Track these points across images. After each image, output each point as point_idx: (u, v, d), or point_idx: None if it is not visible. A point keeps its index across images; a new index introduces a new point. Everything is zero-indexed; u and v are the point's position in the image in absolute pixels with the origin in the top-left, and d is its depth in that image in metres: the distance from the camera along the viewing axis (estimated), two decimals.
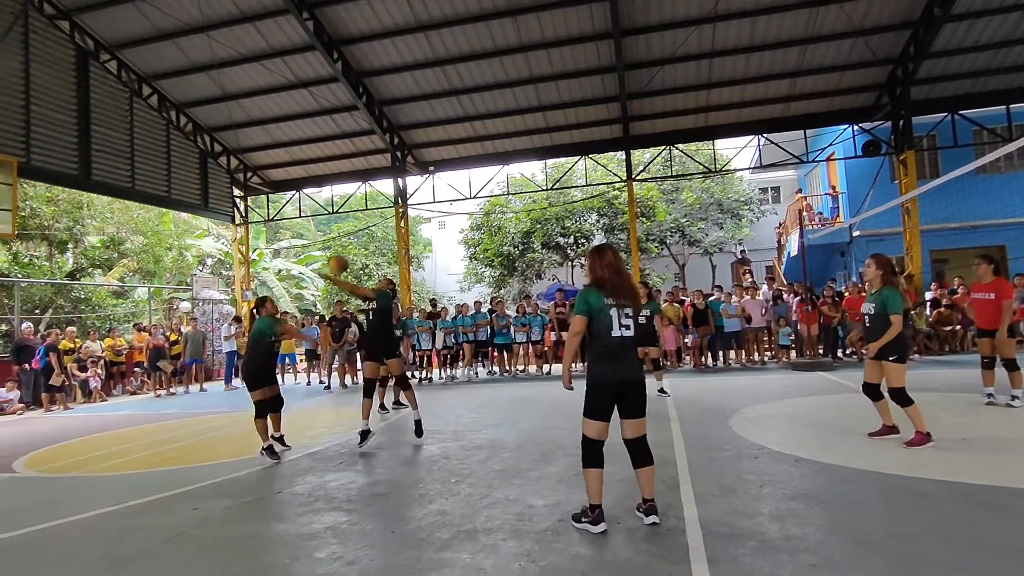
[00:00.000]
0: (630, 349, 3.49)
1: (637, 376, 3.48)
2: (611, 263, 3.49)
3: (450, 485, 4.51)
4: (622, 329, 3.41)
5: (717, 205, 22.36)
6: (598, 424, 3.43)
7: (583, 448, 3.46)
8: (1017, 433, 5.05)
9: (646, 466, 3.47)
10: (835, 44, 12.54)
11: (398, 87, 14.21)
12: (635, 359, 3.53)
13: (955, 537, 3.03)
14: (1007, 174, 15.38)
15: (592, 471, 3.43)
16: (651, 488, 3.49)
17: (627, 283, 3.52)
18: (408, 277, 16.41)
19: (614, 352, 3.43)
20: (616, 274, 3.47)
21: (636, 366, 3.51)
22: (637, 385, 3.45)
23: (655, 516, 3.41)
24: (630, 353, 3.50)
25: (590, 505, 3.42)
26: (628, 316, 3.41)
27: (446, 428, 6.94)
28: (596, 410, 3.44)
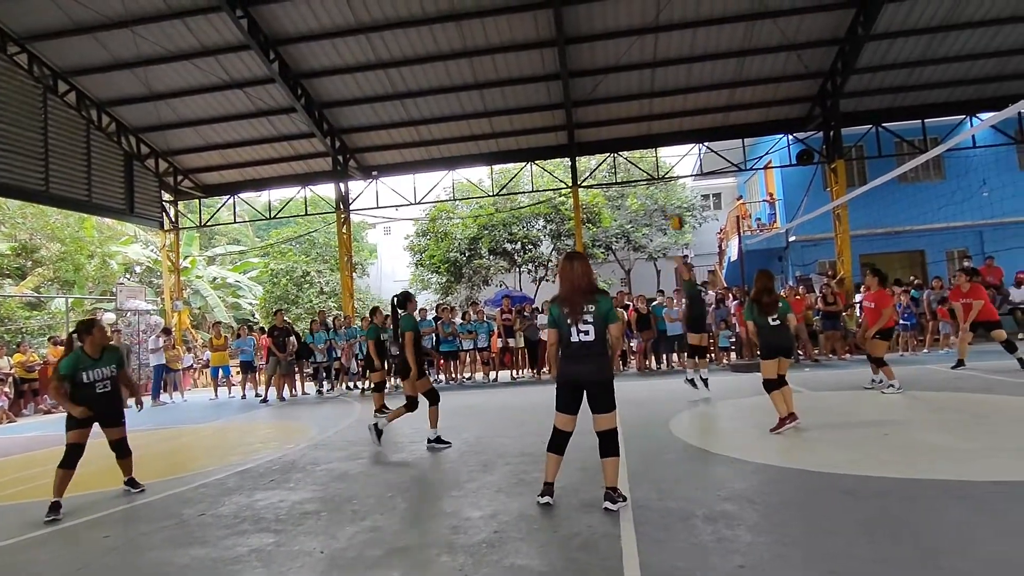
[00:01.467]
0: (592, 351, 3.76)
1: (598, 376, 3.76)
2: (566, 274, 3.84)
3: (385, 500, 4.33)
4: (580, 335, 3.72)
5: (661, 211, 22.92)
6: (563, 416, 3.89)
7: (551, 434, 3.95)
8: (939, 428, 5.29)
9: (608, 456, 3.77)
10: (770, 57, 13.07)
11: (339, 89, 13.87)
12: (598, 361, 3.77)
13: (875, 532, 3.10)
14: (925, 183, 16.41)
15: (551, 455, 3.93)
16: (613, 478, 3.77)
17: (579, 291, 3.78)
18: (351, 284, 16.00)
19: (574, 355, 3.78)
20: (569, 284, 3.82)
21: (598, 367, 3.77)
22: (599, 385, 3.76)
23: (609, 503, 3.67)
24: (592, 355, 3.77)
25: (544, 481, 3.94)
26: (587, 322, 3.68)
27: (386, 440, 6.72)
28: (561, 404, 3.89)
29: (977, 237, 16.07)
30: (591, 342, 3.72)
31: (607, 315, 3.76)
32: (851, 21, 12.12)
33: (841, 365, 10.88)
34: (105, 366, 5.08)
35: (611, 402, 3.77)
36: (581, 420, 3.93)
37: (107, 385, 5.10)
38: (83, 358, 4.97)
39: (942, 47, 12.91)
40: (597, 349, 3.75)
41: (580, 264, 3.87)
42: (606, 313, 3.75)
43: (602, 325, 3.75)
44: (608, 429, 3.77)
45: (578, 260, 3.90)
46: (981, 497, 3.46)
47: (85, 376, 4.95)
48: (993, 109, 13.61)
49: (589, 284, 3.81)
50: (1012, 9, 12.01)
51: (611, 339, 3.80)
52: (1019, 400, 6.19)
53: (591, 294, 3.77)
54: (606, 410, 3.75)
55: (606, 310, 3.76)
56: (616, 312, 3.86)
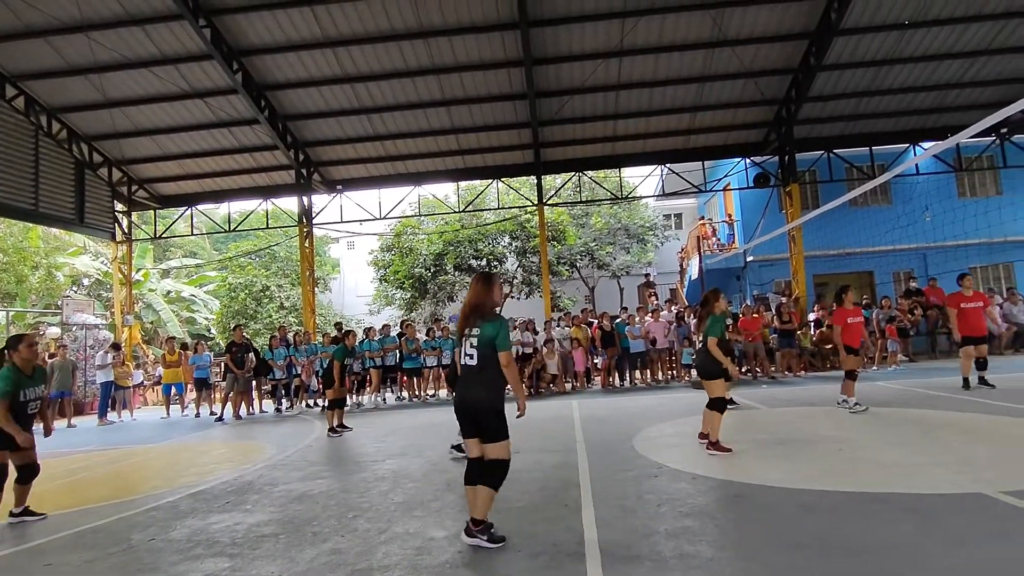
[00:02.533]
0: (475, 375, 3.63)
1: (480, 404, 3.59)
2: (467, 295, 3.79)
3: (347, 521, 4.23)
4: (466, 358, 3.65)
5: (624, 230, 23.34)
6: (468, 441, 3.72)
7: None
8: (889, 443, 5.49)
9: (480, 484, 3.56)
10: (729, 83, 13.55)
11: (304, 102, 13.73)
12: (482, 386, 3.62)
13: (833, 545, 3.18)
14: (873, 208, 17.18)
15: (467, 488, 3.68)
16: (480, 509, 3.54)
17: (466, 314, 3.73)
18: (312, 299, 15.70)
19: (462, 378, 3.75)
20: (464, 306, 3.78)
21: (481, 393, 3.61)
22: (481, 412, 3.57)
23: (466, 536, 3.53)
24: (476, 380, 3.64)
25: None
26: (472, 346, 3.60)
27: (347, 459, 6.59)
28: (461, 427, 3.76)
29: (921, 259, 16.87)
30: (473, 367, 3.60)
31: (491, 341, 3.56)
32: (804, 52, 12.71)
33: (797, 382, 11.20)
34: (37, 385, 4.85)
35: (498, 431, 3.54)
36: (542, 439, 3.92)
37: (37, 406, 4.87)
38: (20, 375, 4.73)
39: (887, 79, 13.63)
40: (482, 375, 3.60)
41: (475, 286, 3.75)
42: (489, 339, 3.56)
43: (486, 351, 3.57)
44: (494, 459, 3.55)
45: (477, 282, 3.76)
46: (928, 510, 3.60)
47: (22, 395, 4.71)
48: (934, 139, 14.43)
49: (476, 307, 3.69)
50: (948, 47, 12.81)
51: (503, 366, 3.59)
52: (961, 416, 6.49)
53: (477, 318, 3.65)
54: (492, 439, 3.54)
55: (489, 336, 3.56)
56: (506, 339, 3.60)
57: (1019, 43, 12.83)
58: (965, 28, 12.39)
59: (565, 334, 12.72)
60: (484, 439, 3.60)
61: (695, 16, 11.84)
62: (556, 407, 9.77)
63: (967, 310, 8.12)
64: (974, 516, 3.44)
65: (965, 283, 8.34)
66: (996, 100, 13.54)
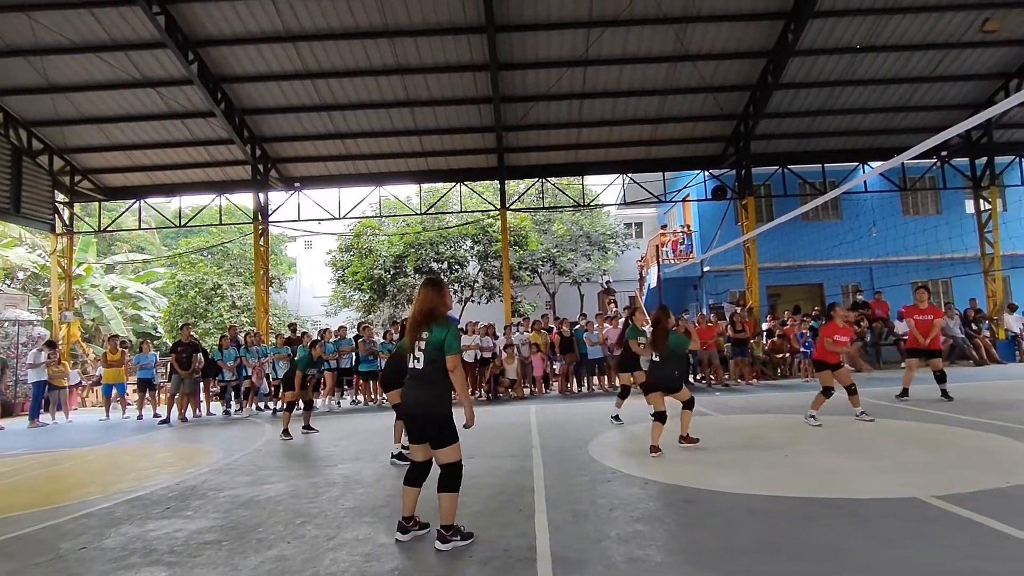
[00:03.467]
0: (420, 380, 3.68)
1: (426, 409, 3.64)
2: (415, 300, 3.81)
3: (294, 527, 4.10)
4: (414, 362, 3.70)
5: (586, 237, 23.58)
6: (414, 445, 3.77)
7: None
8: (832, 449, 5.68)
9: (443, 491, 3.59)
10: (690, 97, 13.89)
11: (263, 97, 13.38)
12: (428, 391, 3.66)
13: (778, 549, 3.26)
14: (824, 222, 17.87)
15: (405, 487, 3.77)
16: (447, 514, 3.58)
17: (415, 318, 3.74)
18: (266, 299, 15.26)
19: (409, 382, 3.78)
20: (412, 311, 3.82)
21: (427, 398, 3.64)
22: (428, 418, 3.63)
23: (440, 543, 3.52)
24: (420, 384, 3.68)
25: (401, 515, 3.78)
26: (420, 350, 3.62)
27: (298, 464, 6.40)
28: (408, 432, 3.82)
29: (868, 273, 17.63)
30: (420, 370, 3.65)
31: (440, 345, 3.57)
32: (762, 70, 13.14)
33: (749, 390, 11.50)
34: None
35: (446, 436, 3.58)
36: (498, 444, 3.89)
37: None
38: None
39: (839, 100, 14.22)
40: (428, 379, 3.63)
41: (425, 291, 3.74)
42: (438, 343, 3.58)
43: (433, 355, 3.59)
44: (446, 463, 3.59)
45: (426, 287, 3.76)
46: (866, 514, 3.72)
47: None
48: (882, 159, 15.11)
49: (425, 312, 3.68)
50: (895, 72, 13.47)
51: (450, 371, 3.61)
52: (899, 423, 6.78)
53: (425, 323, 3.66)
54: (441, 444, 3.57)
55: (438, 340, 3.58)
56: (454, 343, 3.61)
57: (957, 72, 13.60)
58: (911, 55, 13.05)
59: (525, 339, 12.73)
60: (434, 444, 3.62)
61: (658, 30, 12.09)
62: (514, 412, 9.74)
63: (920, 322, 8.40)
64: (908, 519, 3.58)
65: (919, 295, 8.59)
66: (937, 124, 14.27)
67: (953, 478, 4.35)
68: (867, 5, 11.75)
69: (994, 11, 11.91)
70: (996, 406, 7.51)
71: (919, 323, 8.40)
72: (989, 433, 5.94)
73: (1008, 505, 3.71)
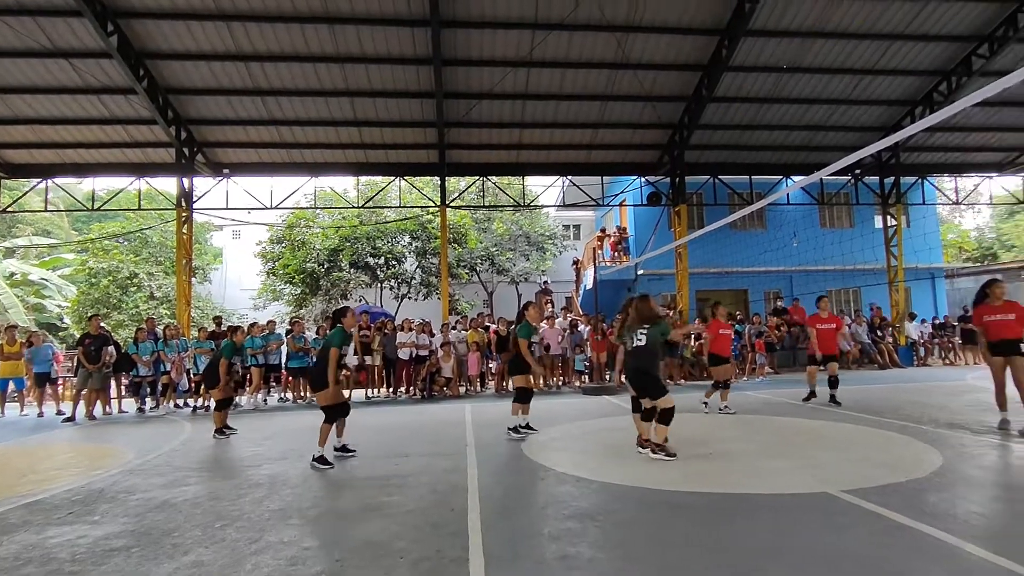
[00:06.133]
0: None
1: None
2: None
3: (214, 531, 3.89)
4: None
5: (525, 237, 23.77)
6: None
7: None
8: (752, 447, 5.97)
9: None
10: (629, 104, 14.22)
11: (190, 77, 12.63)
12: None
13: (703, 543, 3.39)
14: (750, 232, 18.80)
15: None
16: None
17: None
18: (188, 290, 14.43)
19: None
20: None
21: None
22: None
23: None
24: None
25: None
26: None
27: (219, 464, 6.09)
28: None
29: (788, 281, 18.69)
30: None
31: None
32: (697, 82, 13.65)
33: (677, 389, 11.90)
34: None
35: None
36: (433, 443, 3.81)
37: None
38: None
39: (767, 116, 14.99)
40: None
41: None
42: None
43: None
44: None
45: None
46: (782, 508, 3.94)
47: None
48: (804, 173, 16.04)
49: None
50: (817, 93, 14.34)
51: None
52: (814, 423, 7.21)
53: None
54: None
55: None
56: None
57: (871, 97, 14.64)
58: (831, 78, 13.92)
59: (461, 337, 12.67)
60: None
61: (601, 37, 12.32)
62: (449, 411, 9.67)
63: (822, 331, 8.91)
64: (819, 513, 3.81)
65: (821, 305, 9.18)
66: (852, 144, 15.31)
67: (859, 474, 4.66)
68: (794, 28, 12.44)
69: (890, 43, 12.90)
70: (897, 407, 8.14)
71: (821, 332, 8.89)
72: (891, 432, 6.43)
73: (907, 498, 4.02)
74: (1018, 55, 13.05)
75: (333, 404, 5.84)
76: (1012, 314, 6.32)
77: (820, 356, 8.83)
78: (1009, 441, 5.80)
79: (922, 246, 18.62)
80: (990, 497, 4.05)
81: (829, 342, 8.88)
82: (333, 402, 5.83)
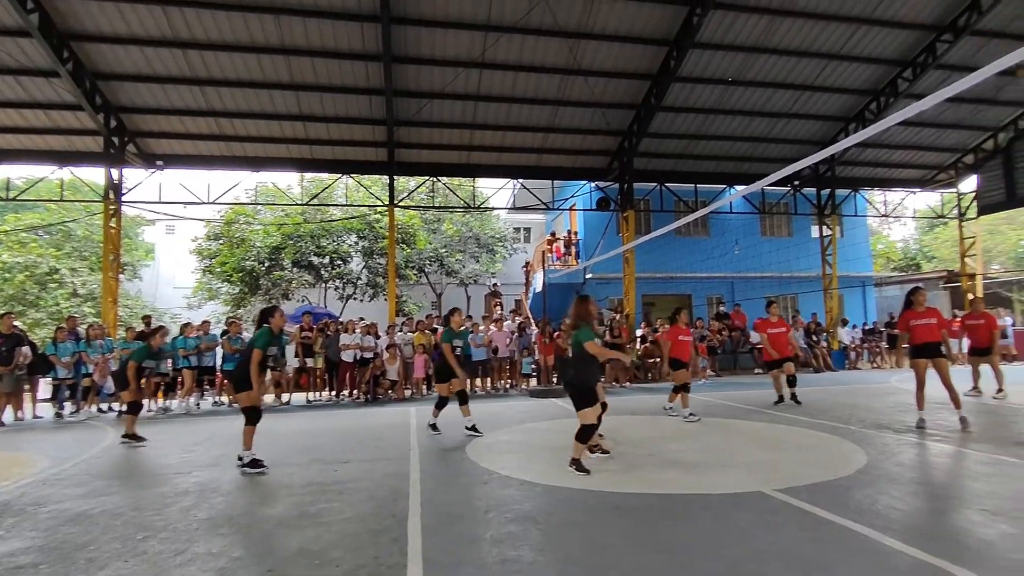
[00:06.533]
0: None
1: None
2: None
3: (135, 543, 3.64)
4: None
5: (475, 239, 23.67)
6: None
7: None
8: (692, 448, 6.10)
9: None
10: (580, 110, 14.39)
11: (121, 62, 11.93)
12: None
13: (641, 543, 3.43)
14: (694, 238, 19.36)
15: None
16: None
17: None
18: (115, 288, 13.59)
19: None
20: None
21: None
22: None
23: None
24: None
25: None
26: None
27: (144, 472, 5.74)
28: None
29: (729, 287, 19.35)
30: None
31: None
32: (646, 91, 13.96)
33: (623, 392, 12.11)
34: None
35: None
36: (375, 447, 3.70)
37: None
38: None
39: (712, 126, 15.49)
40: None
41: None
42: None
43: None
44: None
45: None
46: (720, 507, 4.03)
47: None
48: (746, 183, 16.64)
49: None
50: (760, 106, 14.94)
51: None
52: (753, 424, 7.45)
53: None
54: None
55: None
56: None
57: (810, 112, 15.37)
58: (773, 92, 14.54)
59: (408, 339, 12.46)
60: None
61: (553, 42, 12.42)
62: (393, 414, 9.48)
63: (773, 335, 9.16)
64: (754, 511, 3.92)
65: (772, 310, 9.42)
66: (792, 156, 16.00)
67: (792, 473, 4.83)
68: (739, 43, 12.92)
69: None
70: (828, 409, 8.52)
71: (772, 336, 9.17)
72: (822, 433, 6.71)
73: (835, 496, 4.19)
74: (937, 80, 13.98)
75: (256, 406, 5.68)
76: (934, 319, 6.76)
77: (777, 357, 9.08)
78: (925, 440, 6.15)
79: (854, 255, 19.71)
80: (908, 492, 4.27)
81: (782, 345, 9.17)
82: (255, 404, 5.67)
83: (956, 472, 5.03)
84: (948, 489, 4.42)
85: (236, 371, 5.93)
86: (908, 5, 12.56)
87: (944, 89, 4.24)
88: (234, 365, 11.10)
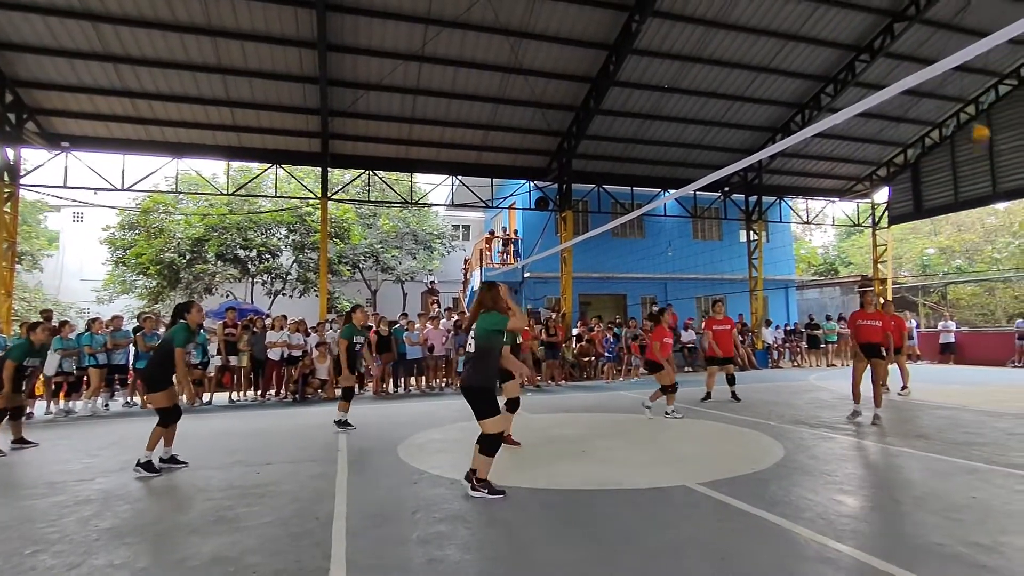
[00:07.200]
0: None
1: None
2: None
3: (21, 559, 3.33)
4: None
5: (412, 235, 23.29)
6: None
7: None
8: (623, 445, 6.22)
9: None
10: (520, 109, 14.40)
11: (19, 31, 10.92)
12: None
13: (567, 538, 3.47)
14: (630, 239, 19.83)
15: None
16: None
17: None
18: (10, 279, 12.42)
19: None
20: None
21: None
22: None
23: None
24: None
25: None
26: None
27: (37, 481, 5.26)
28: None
29: (662, 288, 19.95)
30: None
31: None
32: (586, 94, 14.15)
33: (558, 390, 12.23)
34: None
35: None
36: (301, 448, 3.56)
37: None
38: None
39: (649, 131, 15.90)
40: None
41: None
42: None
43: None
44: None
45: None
46: (645, 501, 4.13)
47: None
48: (679, 187, 17.19)
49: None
50: (694, 114, 15.47)
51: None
52: (679, 421, 7.69)
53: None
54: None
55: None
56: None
57: (741, 121, 16.05)
58: (707, 101, 15.08)
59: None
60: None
61: (495, 39, 12.37)
62: (323, 414, 9.15)
63: (718, 332, 9.47)
64: (677, 505, 4.05)
65: (718, 308, 9.77)
66: (723, 163, 16.60)
67: (714, 467, 5.02)
68: (675, 51, 13.32)
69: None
70: (751, 406, 8.93)
71: (718, 333, 9.48)
72: (744, 428, 7.01)
73: (753, 488, 4.37)
74: (856, 96, 14.94)
75: (170, 407, 5.38)
76: (879, 321, 7.24)
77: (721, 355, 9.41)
78: (837, 434, 6.54)
79: (778, 259, 20.80)
80: (820, 484, 4.51)
81: (726, 343, 9.48)
82: (170, 404, 5.38)
83: (864, 463, 5.37)
84: (855, 480, 4.71)
85: (147, 369, 5.65)
86: (832, 25, 13.35)
87: (855, 104, 4.49)
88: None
